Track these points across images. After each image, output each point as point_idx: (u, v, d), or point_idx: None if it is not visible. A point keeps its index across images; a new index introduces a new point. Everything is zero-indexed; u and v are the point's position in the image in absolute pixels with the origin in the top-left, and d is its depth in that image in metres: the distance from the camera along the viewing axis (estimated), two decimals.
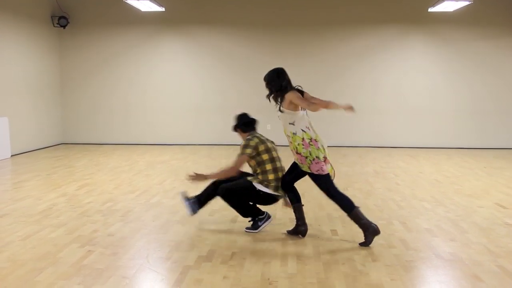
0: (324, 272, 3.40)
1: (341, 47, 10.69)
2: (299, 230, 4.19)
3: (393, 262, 3.61)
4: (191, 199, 4.47)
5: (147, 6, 9.25)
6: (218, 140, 10.82)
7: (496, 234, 4.33)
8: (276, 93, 4.12)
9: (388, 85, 10.72)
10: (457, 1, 8.64)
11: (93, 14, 10.81)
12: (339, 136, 10.61)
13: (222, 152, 9.76)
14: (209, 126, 10.98)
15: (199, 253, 3.78)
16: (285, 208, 4.58)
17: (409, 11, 10.48)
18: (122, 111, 11.07)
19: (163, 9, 9.60)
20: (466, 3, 8.81)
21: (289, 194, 4.22)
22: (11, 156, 8.97)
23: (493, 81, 10.56)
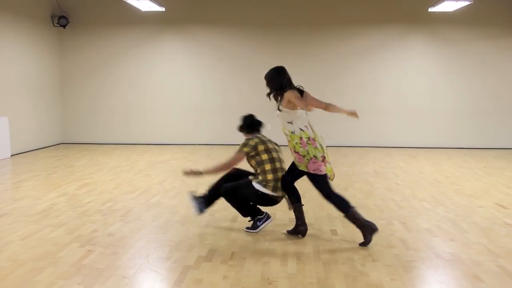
0: (324, 272, 3.40)
1: (341, 47, 10.69)
2: (299, 230, 4.19)
3: (393, 262, 3.61)
4: (199, 199, 4.51)
5: (147, 6, 9.25)
6: (218, 140, 10.82)
7: (496, 234, 4.33)
8: (276, 92, 4.12)
9: (388, 85, 10.72)
10: (457, 1, 8.64)
11: (93, 14, 10.81)
12: (339, 136, 10.61)
13: (222, 152, 9.76)
14: (209, 126, 10.98)
15: (199, 253, 3.78)
16: (289, 210, 4.58)
17: (409, 11, 10.48)
18: (122, 111, 11.07)
19: (163, 9, 9.60)
20: (466, 3, 8.81)
21: (289, 194, 4.22)
22: (11, 155, 8.97)
23: (493, 81, 10.56)
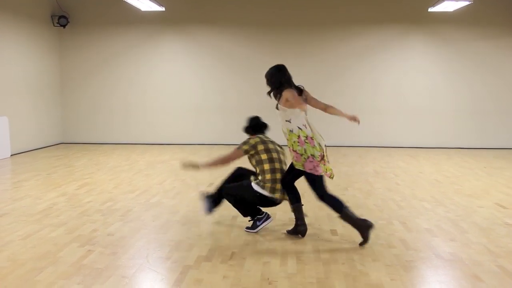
0: (324, 272, 3.40)
1: (341, 47, 10.68)
2: (299, 230, 4.18)
3: (393, 262, 3.61)
4: (208, 199, 4.56)
5: (147, 5, 9.25)
6: (218, 140, 10.81)
7: (496, 234, 4.33)
8: (275, 90, 4.12)
9: (388, 85, 10.72)
10: (457, 1, 8.64)
11: (93, 13, 10.81)
12: (339, 136, 10.60)
13: (222, 152, 9.69)
14: (209, 126, 10.98)
15: (199, 252, 3.78)
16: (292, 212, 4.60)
17: (409, 11, 10.48)
18: (122, 110, 11.06)
19: (163, 9, 9.60)
20: (466, 3, 8.81)
21: (289, 193, 4.22)
22: (11, 155, 8.97)
23: (493, 81, 10.55)
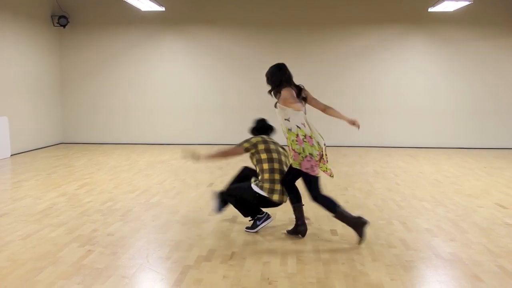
0: (324, 272, 3.40)
1: (341, 47, 10.68)
2: (299, 230, 4.18)
3: (393, 262, 3.61)
4: (219, 198, 4.59)
5: (147, 5, 9.25)
6: (218, 140, 10.80)
7: (496, 234, 4.33)
8: (275, 89, 4.13)
9: (388, 85, 10.72)
10: (457, 1, 8.63)
11: (93, 13, 10.81)
12: (339, 136, 10.60)
13: None
14: (209, 126, 10.98)
15: (199, 252, 3.78)
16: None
17: (409, 11, 10.48)
18: (122, 110, 11.06)
19: (163, 9, 9.60)
20: (466, 3, 8.81)
21: (289, 193, 4.22)
22: (11, 155, 8.97)
23: (493, 81, 10.55)
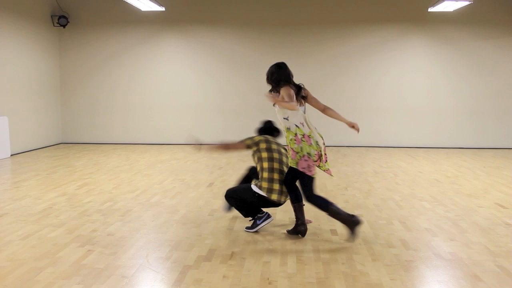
0: (323, 272, 3.40)
1: (341, 47, 10.68)
2: (299, 230, 4.18)
3: (393, 261, 3.61)
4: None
5: (147, 5, 9.25)
6: (218, 140, 10.79)
7: (496, 234, 4.33)
8: (275, 87, 4.13)
9: (388, 85, 10.72)
10: (457, 1, 8.63)
11: (93, 13, 10.81)
12: (339, 136, 10.60)
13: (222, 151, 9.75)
14: (209, 126, 10.97)
15: (199, 252, 3.78)
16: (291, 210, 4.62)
17: (409, 11, 10.48)
18: (122, 110, 11.06)
19: (163, 9, 9.60)
20: (466, 3, 8.80)
21: (290, 193, 4.22)
22: (11, 155, 8.97)
23: (492, 81, 10.55)
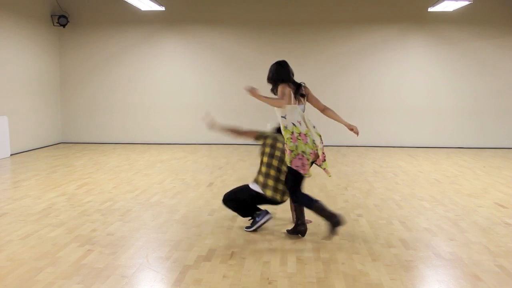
0: (323, 272, 3.40)
1: (341, 47, 10.68)
2: (299, 230, 4.18)
3: (392, 261, 3.61)
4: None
5: (147, 5, 9.25)
6: (218, 140, 10.81)
7: (495, 233, 4.33)
8: (274, 86, 4.14)
9: (387, 85, 10.72)
10: (457, 0, 8.63)
11: (93, 13, 10.81)
12: (339, 135, 10.59)
13: (222, 151, 9.76)
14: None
15: (199, 252, 3.78)
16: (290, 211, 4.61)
17: (409, 11, 10.48)
18: (122, 110, 11.06)
19: (163, 9, 9.60)
20: (466, 3, 8.80)
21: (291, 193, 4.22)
22: (11, 155, 8.97)
23: (492, 80, 10.55)
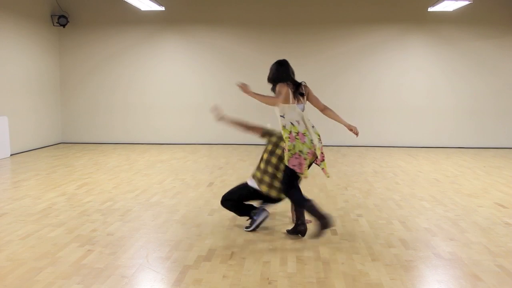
0: (323, 272, 3.40)
1: (341, 47, 10.68)
2: (299, 230, 4.18)
3: (392, 261, 3.61)
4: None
5: (147, 5, 9.25)
6: (218, 140, 10.81)
7: (495, 233, 4.33)
8: (273, 85, 4.14)
9: (387, 85, 10.72)
10: (457, 0, 8.63)
11: (93, 13, 10.81)
12: (339, 135, 10.58)
13: (222, 151, 9.76)
14: (209, 125, 10.96)
15: (199, 252, 3.78)
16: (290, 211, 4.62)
17: (409, 11, 10.48)
18: (122, 110, 11.06)
19: (163, 9, 9.60)
20: (465, 2, 8.80)
21: None
22: (11, 155, 8.96)
23: (492, 80, 10.55)
